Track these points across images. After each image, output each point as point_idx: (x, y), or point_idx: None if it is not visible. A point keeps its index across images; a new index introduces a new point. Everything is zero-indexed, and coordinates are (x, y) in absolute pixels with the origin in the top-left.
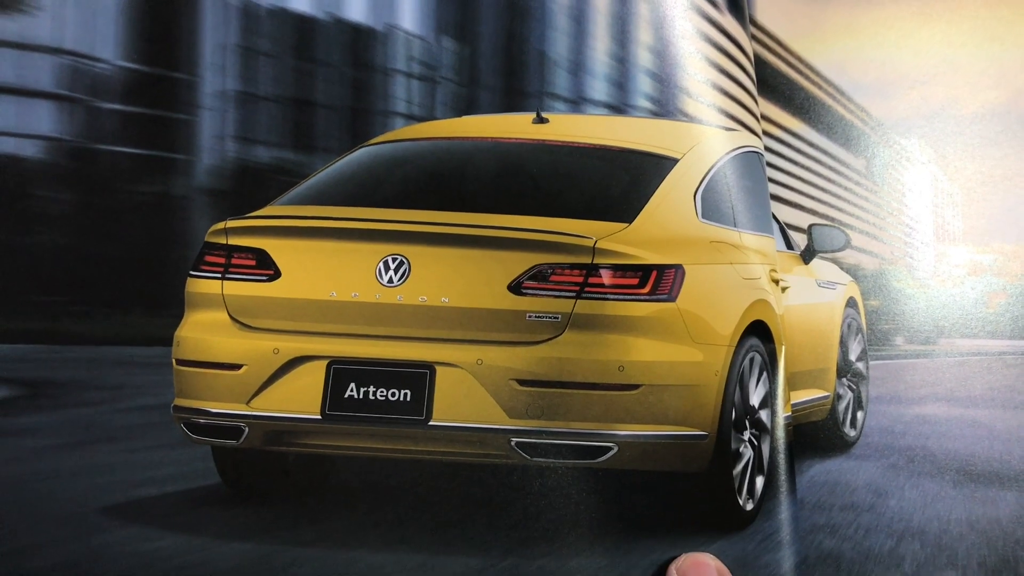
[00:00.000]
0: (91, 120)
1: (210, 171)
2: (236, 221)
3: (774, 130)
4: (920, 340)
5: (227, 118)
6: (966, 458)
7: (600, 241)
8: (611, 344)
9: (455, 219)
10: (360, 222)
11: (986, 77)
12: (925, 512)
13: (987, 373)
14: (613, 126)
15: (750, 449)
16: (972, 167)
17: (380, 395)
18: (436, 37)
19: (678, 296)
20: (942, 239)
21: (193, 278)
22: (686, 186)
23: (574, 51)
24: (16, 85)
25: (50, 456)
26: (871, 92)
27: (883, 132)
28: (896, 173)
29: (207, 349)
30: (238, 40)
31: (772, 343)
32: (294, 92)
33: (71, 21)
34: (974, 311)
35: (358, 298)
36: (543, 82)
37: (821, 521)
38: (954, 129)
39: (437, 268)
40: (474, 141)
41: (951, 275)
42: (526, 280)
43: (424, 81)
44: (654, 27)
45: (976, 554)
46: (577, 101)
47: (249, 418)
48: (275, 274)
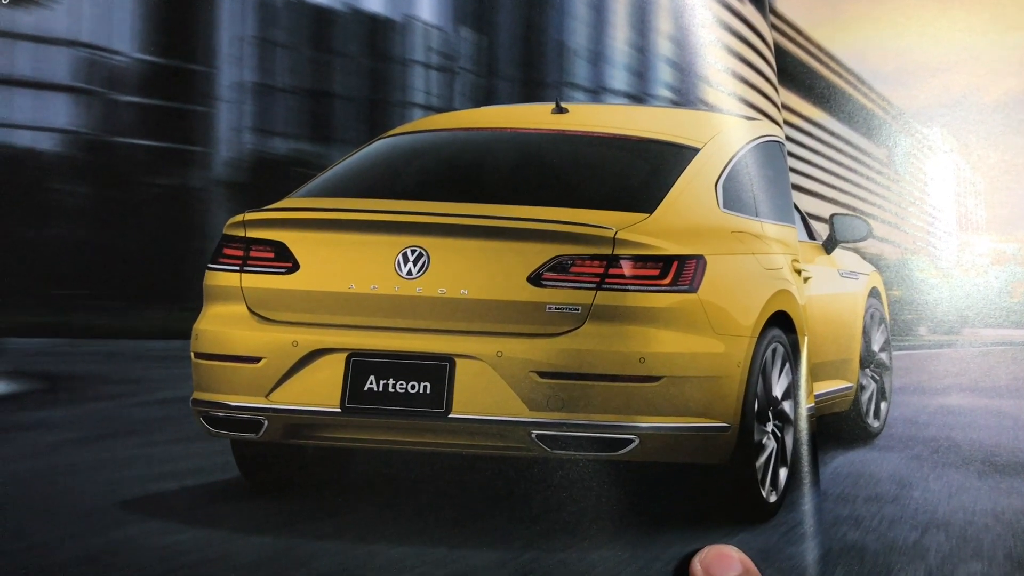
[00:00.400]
0: (108, 113)
1: (228, 163)
2: (254, 213)
3: (795, 119)
4: (943, 330)
5: (244, 110)
6: (991, 448)
7: (620, 232)
8: (632, 336)
9: (474, 211)
10: (379, 214)
11: (1008, 65)
12: (950, 503)
13: (1012, 363)
14: (633, 116)
15: (773, 440)
16: (995, 155)
17: (400, 388)
18: (454, 27)
19: (699, 287)
20: (965, 228)
21: (211, 271)
22: (707, 176)
23: (593, 40)
24: (33, 78)
25: (69, 450)
26: (892, 81)
27: (904, 121)
28: (918, 162)
29: (226, 342)
30: (255, 32)
31: (795, 334)
32: (312, 83)
33: (88, 14)
34: (998, 300)
35: (377, 290)
36: (562, 72)
37: (845, 513)
38: (976, 117)
39: (456, 260)
40: (493, 132)
41: (974, 264)
42: (546, 272)
43: (443, 72)
44: (674, 16)
45: (1002, 545)
46: (597, 91)
47: (268, 411)
48: (294, 266)
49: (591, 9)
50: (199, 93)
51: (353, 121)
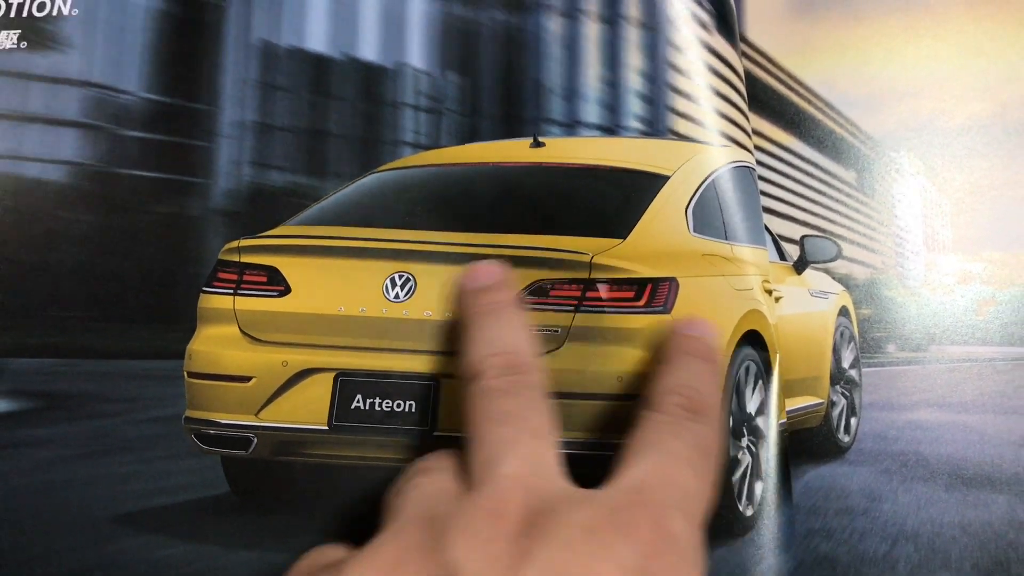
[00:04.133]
0: (114, 147)
1: (226, 194)
2: (249, 240)
3: (766, 144)
4: (911, 347)
5: (244, 146)
6: (958, 462)
7: (596, 256)
8: (610, 356)
9: (458, 239)
10: (368, 241)
11: (972, 90)
12: (918, 516)
13: (978, 379)
14: (606, 147)
15: (748, 455)
16: (960, 178)
17: (386, 406)
18: (442, 72)
19: (673, 308)
20: (932, 248)
21: (206, 294)
22: (677, 201)
23: (568, 78)
24: (44, 115)
25: (65, 466)
26: (860, 106)
27: (873, 145)
28: (886, 185)
29: (218, 362)
30: (257, 75)
31: (767, 352)
32: (308, 123)
33: (99, 56)
34: (964, 318)
35: (365, 313)
36: (539, 108)
37: (816, 525)
38: (942, 141)
39: (441, 284)
40: (476, 166)
41: (941, 283)
42: (526, 295)
43: (430, 112)
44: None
45: (969, 556)
46: (572, 125)
47: (258, 429)
48: (285, 290)
49: (565, 49)
50: (201, 130)
51: (346, 158)
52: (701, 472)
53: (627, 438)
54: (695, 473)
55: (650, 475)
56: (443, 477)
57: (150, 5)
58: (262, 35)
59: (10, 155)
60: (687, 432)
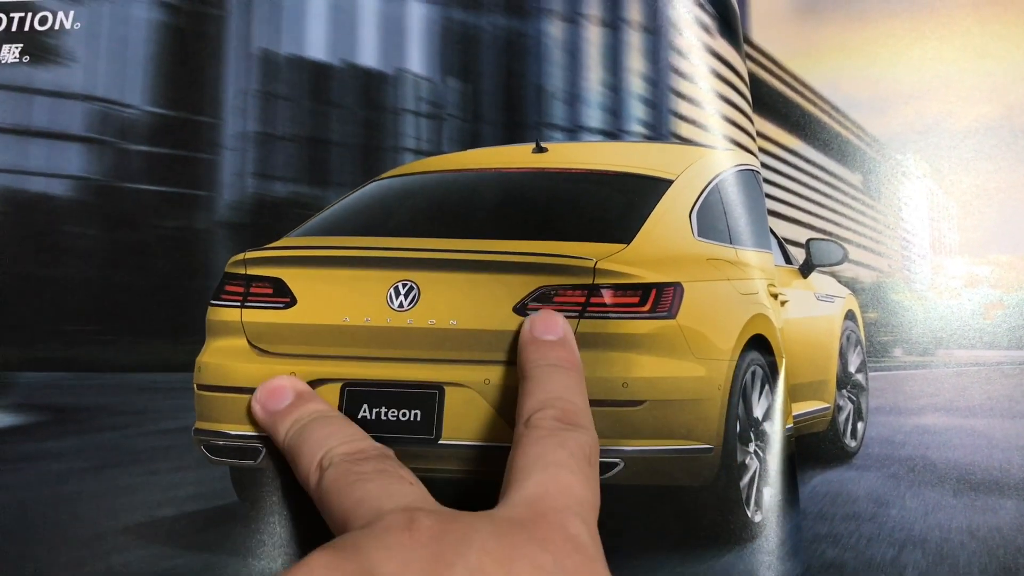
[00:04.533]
0: (118, 160)
1: (230, 206)
2: (255, 252)
3: (771, 147)
4: (918, 351)
5: (247, 157)
6: (966, 467)
7: (600, 262)
8: (615, 361)
9: (462, 246)
10: (371, 250)
11: (978, 92)
12: (926, 521)
13: (985, 383)
14: (609, 151)
15: (756, 461)
16: (967, 180)
17: (392, 415)
18: (442, 77)
19: (678, 313)
20: (939, 251)
21: (214, 307)
22: (681, 206)
23: (569, 83)
24: (48, 129)
25: (74, 479)
26: (866, 108)
27: (879, 147)
28: (892, 187)
29: (226, 374)
30: (258, 85)
31: (773, 356)
32: (310, 132)
33: (103, 70)
34: (971, 322)
35: (370, 322)
36: (541, 113)
37: (823, 531)
38: (948, 144)
39: (445, 292)
40: (478, 172)
41: (948, 287)
42: (531, 302)
43: (431, 119)
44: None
45: (977, 562)
46: (574, 129)
47: (266, 439)
48: (291, 301)
49: (567, 54)
50: (205, 142)
51: (348, 166)
52: (589, 479)
53: (509, 457)
54: (584, 480)
55: (543, 487)
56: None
57: (151, 17)
58: (262, 44)
59: (15, 170)
60: (569, 442)
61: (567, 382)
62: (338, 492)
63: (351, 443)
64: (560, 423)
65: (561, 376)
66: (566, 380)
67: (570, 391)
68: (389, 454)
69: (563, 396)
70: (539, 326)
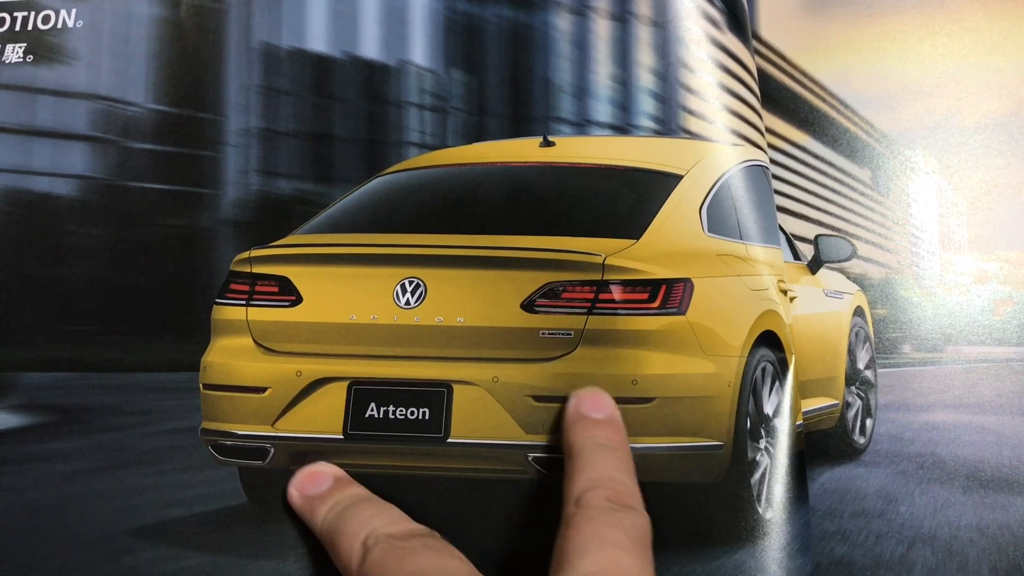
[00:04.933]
0: (122, 159)
1: (235, 204)
2: (260, 250)
3: (779, 143)
4: (927, 348)
5: (250, 154)
6: (975, 464)
7: (609, 258)
8: (624, 358)
9: (468, 242)
10: (377, 247)
11: (988, 88)
12: (935, 518)
13: (995, 380)
14: (618, 146)
15: (766, 457)
16: (976, 176)
17: (400, 414)
18: (446, 70)
19: (688, 309)
20: (947, 248)
21: (219, 305)
22: (691, 201)
23: (577, 76)
24: (52, 128)
25: (81, 480)
26: (875, 104)
27: (887, 143)
28: (901, 184)
29: (233, 373)
30: (260, 80)
31: (782, 352)
32: (313, 127)
33: (106, 69)
34: (981, 318)
35: (377, 320)
36: (548, 107)
37: (832, 528)
38: (958, 140)
39: (452, 289)
40: (484, 166)
41: (957, 283)
42: (539, 298)
43: (436, 112)
44: (655, 49)
45: (987, 559)
46: (582, 124)
47: (274, 439)
48: (297, 299)
49: (575, 47)
50: (208, 139)
51: (352, 161)
52: (645, 562)
53: (560, 536)
54: (641, 564)
55: (600, 565)
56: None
57: (153, 13)
58: (263, 38)
59: (20, 169)
60: (624, 523)
61: (616, 463)
62: (387, 568)
63: (397, 524)
64: (613, 503)
65: (610, 456)
66: (615, 461)
67: (620, 472)
68: (435, 533)
69: (614, 477)
70: (587, 403)
